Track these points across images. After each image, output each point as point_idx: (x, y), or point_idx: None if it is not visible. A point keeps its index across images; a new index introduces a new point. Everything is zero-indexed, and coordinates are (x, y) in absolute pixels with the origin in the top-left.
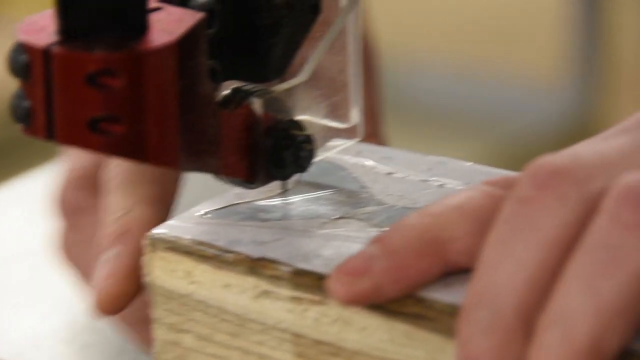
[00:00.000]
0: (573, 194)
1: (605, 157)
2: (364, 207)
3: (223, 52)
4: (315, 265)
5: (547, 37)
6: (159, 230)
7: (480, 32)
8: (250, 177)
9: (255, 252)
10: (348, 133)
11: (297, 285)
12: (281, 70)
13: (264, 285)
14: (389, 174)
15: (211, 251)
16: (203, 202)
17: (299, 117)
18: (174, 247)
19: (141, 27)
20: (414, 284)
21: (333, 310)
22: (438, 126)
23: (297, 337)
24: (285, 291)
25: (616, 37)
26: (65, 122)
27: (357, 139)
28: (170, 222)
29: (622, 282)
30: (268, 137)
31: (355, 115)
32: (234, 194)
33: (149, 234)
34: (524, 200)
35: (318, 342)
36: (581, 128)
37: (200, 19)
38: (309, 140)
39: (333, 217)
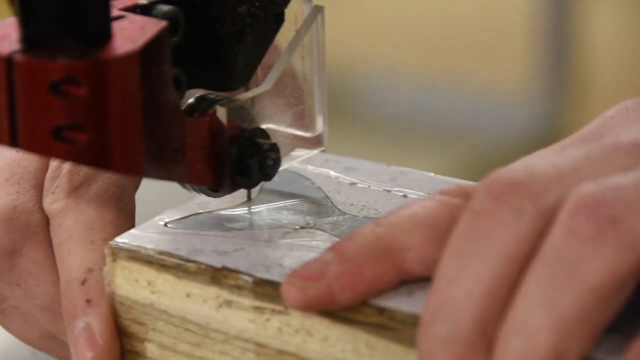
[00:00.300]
0: (528, 207)
1: (560, 169)
2: (327, 217)
3: (187, 61)
4: (277, 275)
5: (517, 50)
6: (121, 240)
7: (450, 45)
8: (216, 185)
9: (216, 261)
10: (313, 142)
11: (258, 295)
12: (245, 79)
13: (225, 295)
14: (352, 184)
15: (173, 261)
16: (165, 211)
17: (264, 126)
18: (136, 256)
19: (104, 36)
20: (368, 291)
21: (295, 320)
22: (408, 139)
23: (260, 347)
24: (247, 301)
25: (585, 49)
26: (29, 130)
27: (322, 148)
28: (132, 232)
29: (579, 293)
30: (233, 145)
31: (320, 124)
32: (197, 203)
33: (110, 243)
34: (479, 214)
35: (281, 352)
36: (551, 139)
37: (163, 28)
38: (274, 148)
39: (296, 227)
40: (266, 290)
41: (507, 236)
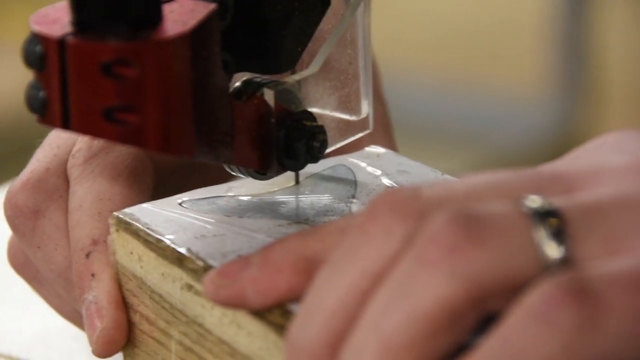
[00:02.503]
0: (398, 228)
1: (451, 194)
2: (330, 216)
3: (234, 44)
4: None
5: (531, 53)
6: (126, 211)
7: (464, 47)
8: (263, 167)
9: (185, 244)
10: (359, 125)
11: None
12: (292, 62)
13: (187, 278)
14: (389, 188)
15: (155, 237)
16: (196, 190)
17: (311, 109)
18: (130, 229)
19: (155, 18)
20: (281, 298)
21: (230, 311)
22: (421, 141)
23: (208, 334)
24: (200, 287)
25: (599, 51)
26: (81, 112)
27: (368, 131)
28: (143, 205)
29: (407, 319)
30: (280, 128)
31: (365, 108)
32: (228, 186)
33: (115, 213)
34: (355, 228)
35: (221, 341)
36: (565, 140)
37: (212, 10)
38: (321, 131)
39: (291, 222)
40: None
41: (370, 254)
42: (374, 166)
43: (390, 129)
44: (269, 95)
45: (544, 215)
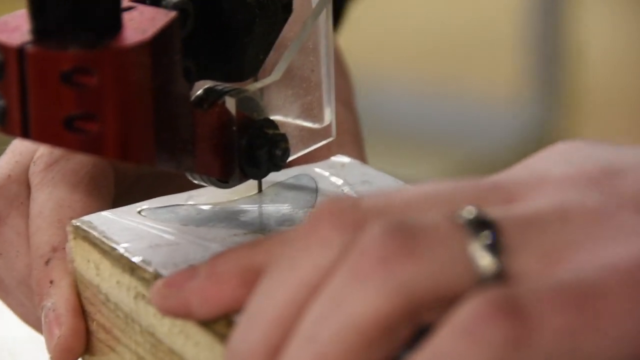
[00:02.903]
0: (335, 239)
1: (390, 204)
2: (287, 226)
3: (196, 52)
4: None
5: (509, 57)
6: (84, 219)
7: (442, 52)
8: (225, 175)
9: (138, 253)
10: (321, 133)
11: None
12: (254, 70)
13: (139, 287)
14: None
15: (110, 246)
16: (155, 198)
17: (273, 117)
18: (87, 237)
19: (115, 26)
20: (226, 309)
21: (179, 321)
22: (400, 145)
23: (160, 343)
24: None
25: (576, 54)
26: (41, 121)
27: (331, 139)
28: (103, 213)
29: (339, 330)
30: (242, 136)
31: (328, 115)
32: (189, 194)
33: (73, 221)
34: (294, 237)
35: (171, 351)
36: (543, 144)
37: (173, 18)
38: (283, 139)
39: (247, 232)
40: None
41: (308, 264)
42: (338, 176)
43: (360, 138)
44: (230, 103)
45: (479, 227)
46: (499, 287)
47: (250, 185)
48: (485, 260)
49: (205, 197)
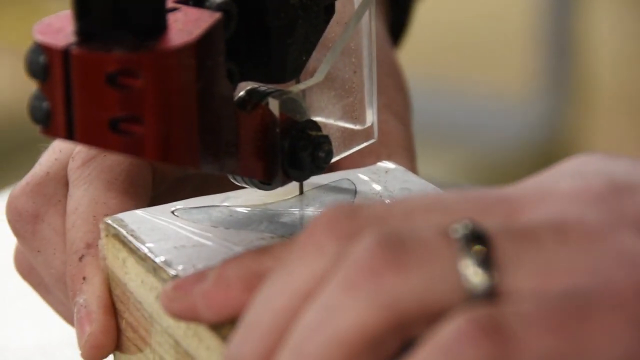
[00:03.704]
0: (330, 247)
1: (390, 213)
2: None
3: (238, 53)
4: None
5: (519, 53)
6: (117, 217)
7: (451, 48)
8: (268, 177)
9: (163, 253)
10: (363, 134)
11: None
12: (297, 71)
13: (160, 287)
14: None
15: (136, 245)
16: (194, 198)
17: (315, 119)
18: (117, 235)
19: (159, 28)
20: (233, 313)
21: (193, 324)
22: None
23: (177, 345)
24: None
25: (587, 50)
26: (85, 123)
27: (373, 140)
28: (136, 211)
29: (325, 343)
30: (285, 137)
31: (370, 117)
32: (226, 195)
33: (105, 218)
34: (294, 244)
35: (187, 354)
36: (554, 140)
37: (217, 19)
38: (326, 140)
39: (274, 236)
40: None
41: (303, 272)
42: (378, 182)
43: (412, 152)
44: (273, 105)
45: (472, 241)
46: (485, 306)
47: (288, 188)
48: (475, 277)
49: (242, 199)
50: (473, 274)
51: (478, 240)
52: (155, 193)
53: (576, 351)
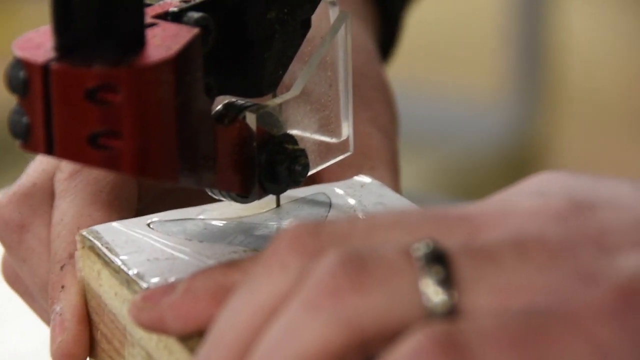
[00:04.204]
0: (293, 264)
1: (352, 231)
2: None
3: (216, 68)
4: None
5: (490, 56)
6: (93, 229)
7: (423, 51)
8: (245, 191)
9: (136, 266)
10: (339, 147)
11: None
12: (273, 85)
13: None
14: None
15: (110, 257)
16: (168, 211)
17: (291, 132)
18: (92, 246)
19: (138, 43)
20: (199, 326)
21: (164, 336)
22: None
23: (149, 357)
24: None
25: (558, 52)
26: (65, 137)
27: (348, 153)
28: (112, 224)
29: (287, 359)
30: (262, 151)
31: (346, 130)
32: (202, 208)
33: (81, 230)
34: (257, 261)
35: None
36: (525, 142)
37: (195, 35)
38: (302, 154)
39: (249, 249)
40: None
41: (265, 289)
42: (353, 196)
43: (395, 166)
44: (250, 119)
45: (432, 261)
46: (443, 323)
47: (264, 201)
48: (435, 296)
49: (218, 212)
50: (433, 293)
51: (438, 260)
52: (141, 206)
53: None
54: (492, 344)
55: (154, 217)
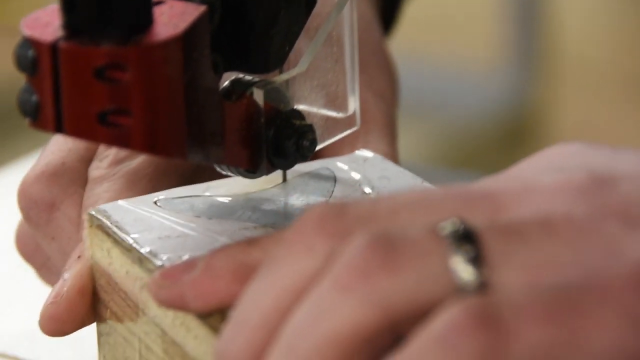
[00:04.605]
0: (320, 246)
1: (375, 212)
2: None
3: (222, 44)
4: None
5: (486, 24)
6: (100, 208)
7: (419, 20)
8: (253, 166)
9: (147, 244)
10: (346, 122)
11: None
12: (280, 62)
13: (145, 278)
14: (364, 194)
15: (120, 236)
16: (173, 189)
17: (298, 107)
18: (101, 225)
19: (146, 21)
20: (220, 303)
21: (181, 313)
22: None
23: (164, 334)
24: None
25: (555, 21)
26: (74, 116)
27: (355, 128)
28: (118, 202)
29: (317, 342)
30: (270, 127)
31: (352, 105)
32: (207, 185)
33: (89, 210)
34: (281, 241)
35: (174, 343)
36: (521, 112)
37: (202, 12)
38: (310, 129)
39: (258, 225)
40: None
41: (292, 270)
42: (357, 171)
43: (391, 129)
44: (258, 95)
45: (462, 240)
46: (478, 297)
47: (269, 177)
48: (466, 274)
49: (224, 189)
50: (464, 271)
51: (467, 238)
52: None
53: (568, 342)
54: (526, 317)
55: (160, 195)
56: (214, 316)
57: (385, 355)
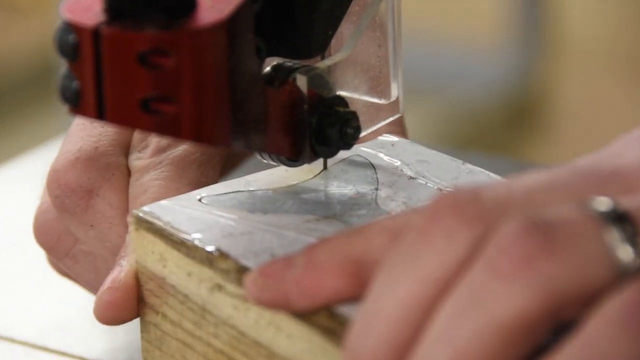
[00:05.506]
0: (461, 232)
1: (511, 195)
2: (358, 209)
3: (264, 29)
4: (260, 264)
5: (490, 3)
6: (146, 209)
7: None
8: (296, 154)
9: (215, 243)
10: (388, 109)
11: (240, 283)
12: (323, 47)
13: (216, 278)
14: (412, 178)
15: (179, 236)
16: (213, 185)
17: (340, 93)
18: (151, 228)
19: (190, 5)
20: (326, 300)
21: (268, 313)
22: None
23: (242, 336)
24: (232, 287)
25: (559, 0)
26: (116, 102)
27: (398, 115)
28: (162, 202)
29: (481, 330)
30: (313, 114)
31: (395, 91)
32: (246, 180)
33: (134, 211)
34: (416, 232)
35: (257, 344)
36: (525, 91)
37: None
38: (353, 117)
39: (319, 217)
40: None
41: (433, 259)
42: (391, 156)
43: (401, 116)
44: (301, 81)
45: (615, 219)
46: None
47: (304, 169)
48: (626, 254)
49: (264, 182)
50: (623, 252)
51: (621, 218)
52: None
53: None
54: None
55: (202, 192)
56: (318, 314)
57: (546, 343)
